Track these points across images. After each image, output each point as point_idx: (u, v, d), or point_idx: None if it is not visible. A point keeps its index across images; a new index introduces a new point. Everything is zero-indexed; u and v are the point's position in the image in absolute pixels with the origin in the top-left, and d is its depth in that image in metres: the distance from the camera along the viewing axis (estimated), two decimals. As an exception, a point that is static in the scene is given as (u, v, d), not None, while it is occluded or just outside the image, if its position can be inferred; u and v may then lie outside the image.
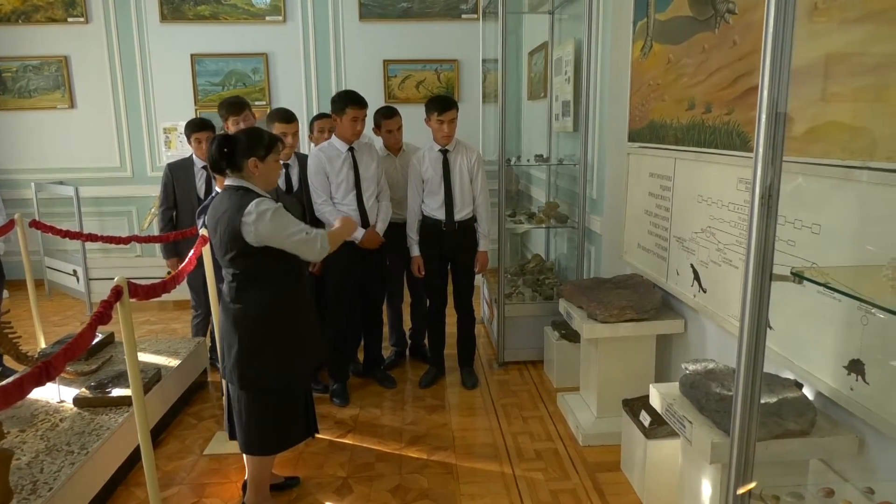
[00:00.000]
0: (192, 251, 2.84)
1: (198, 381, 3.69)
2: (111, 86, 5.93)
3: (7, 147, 6.04)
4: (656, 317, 2.86)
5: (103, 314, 1.85)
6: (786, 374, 1.96)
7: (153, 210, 3.88)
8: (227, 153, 2.23)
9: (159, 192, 3.81)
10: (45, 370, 1.57)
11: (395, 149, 3.78)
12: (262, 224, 2.16)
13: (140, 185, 6.01)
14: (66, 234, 3.56)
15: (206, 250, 2.94)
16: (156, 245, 3.99)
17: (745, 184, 2.20)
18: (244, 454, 2.46)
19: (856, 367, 1.64)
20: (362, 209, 3.37)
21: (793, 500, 1.50)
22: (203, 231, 2.93)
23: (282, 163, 3.35)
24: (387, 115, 3.68)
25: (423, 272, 3.58)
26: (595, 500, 2.58)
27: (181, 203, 3.77)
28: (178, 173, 3.76)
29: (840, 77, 1.70)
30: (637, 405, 2.64)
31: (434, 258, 3.58)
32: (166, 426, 3.23)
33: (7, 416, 2.76)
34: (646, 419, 2.52)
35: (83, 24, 5.82)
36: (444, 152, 3.48)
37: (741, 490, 1.38)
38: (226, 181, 2.31)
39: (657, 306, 2.87)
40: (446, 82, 6.02)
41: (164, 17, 5.81)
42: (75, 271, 5.62)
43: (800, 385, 1.89)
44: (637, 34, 3.13)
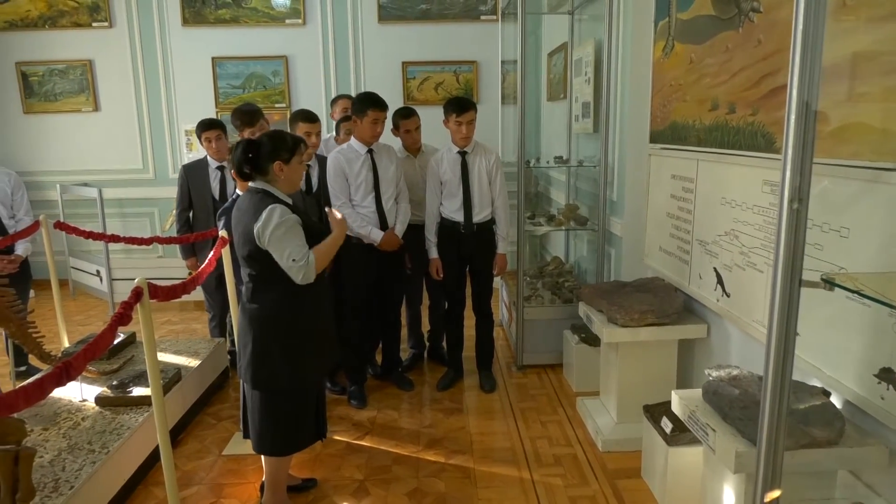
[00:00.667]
0: (212, 252, 2.86)
1: (217, 382, 3.71)
2: (134, 89, 6.02)
3: (33, 149, 6.16)
4: (678, 321, 2.82)
5: (123, 315, 1.87)
6: (812, 381, 1.91)
7: (174, 212, 3.93)
8: (252, 158, 2.24)
9: (176, 193, 3.87)
10: (66, 370, 1.59)
11: (414, 149, 3.77)
12: (266, 235, 2.18)
13: (162, 187, 6.08)
14: (89, 235, 3.60)
15: (226, 252, 2.96)
16: (177, 246, 4.05)
17: (770, 186, 2.16)
18: (261, 455, 2.46)
19: (887, 375, 1.59)
20: (381, 211, 3.36)
21: (820, 512, 1.46)
22: (223, 233, 2.95)
23: (303, 164, 3.37)
24: (404, 115, 3.67)
25: (442, 275, 3.56)
26: (615, 506, 2.54)
27: (196, 204, 3.83)
28: (192, 175, 3.81)
29: (869, 77, 1.66)
30: (658, 411, 2.60)
31: (452, 261, 3.57)
32: (185, 426, 3.25)
33: (30, 414, 2.80)
34: (667, 426, 2.47)
35: (107, 28, 5.91)
36: (463, 154, 3.46)
37: (767, 498, 1.34)
38: (249, 183, 2.31)
39: (679, 310, 2.82)
40: (465, 84, 6.00)
41: (185, 21, 5.87)
42: (98, 272, 5.70)
43: (827, 393, 1.84)
44: (658, 34, 3.09)
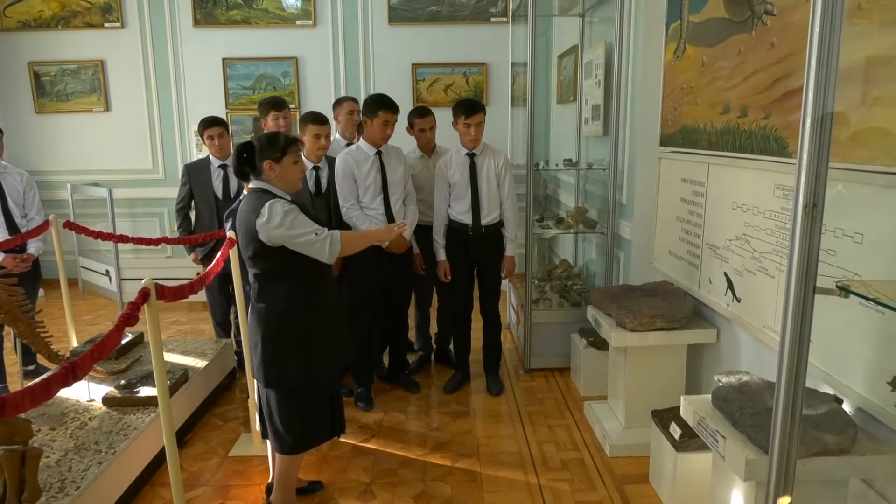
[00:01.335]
0: (220, 253, 2.86)
1: (224, 383, 3.71)
2: (145, 89, 6.05)
3: (45, 149, 6.20)
4: (687, 326, 2.79)
5: (130, 316, 1.86)
6: (823, 387, 1.88)
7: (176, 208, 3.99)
8: (246, 158, 2.27)
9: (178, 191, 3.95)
10: (72, 371, 1.58)
11: (428, 149, 3.78)
12: (272, 225, 2.17)
13: (172, 188, 6.02)
14: (98, 235, 3.62)
15: (234, 252, 2.96)
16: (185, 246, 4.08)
17: (782, 190, 2.13)
18: (271, 455, 2.46)
19: (900, 383, 1.57)
20: (389, 213, 3.36)
21: (832, 521, 1.44)
22: (231, 233, 2.95)
23: (311, 165, 3.37)
24: (420, 114, 3.70)
25: (450, 277, 3.55)
26: (622, 512, 2.52)
27: (199, 203, 3.88)
28: (194, 174, 3.85)
29: (884, 81, 1.63)
30: (667, 416, 2.57)
31: (460, 263, 3.55)
32: (192, 427, 3.25)
33: (38, 413, 2.81)
34: (676, 431, 2.45)
35: (119, 28, 5.94)
36: (471, 156, 3.45)
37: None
38: (250, 184, 2.33)
39: (688, 315, 2.79)
40: (475, 86, 5.99)
41: (196, 22, 5.90)
42: (108, 271, 5.73)
43: (839, 400, 1.82)
44: (670, 36, 3.07)
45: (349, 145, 3.60)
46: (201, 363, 3.46)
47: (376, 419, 3.36)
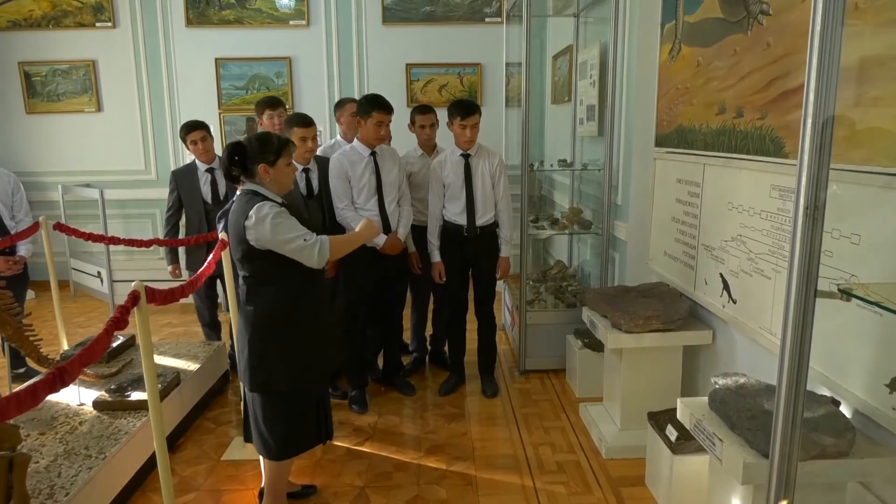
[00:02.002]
0: (212, 255, 2.83)
1: (217, 386, 3.68)
2: (137, 89, 6.00)
3: (35, 150, 6.14)
4: (683, 327, 2.78)
5: (119, 319, 1.84)
6: (821, 390, 1.87)
7: (166, 215, 3.95)
8: (238, 160, 2.22)
9: (167, 198, 3.91)
10: (60, 376, 1.55)
11: (429, 148, 3.77)
12: (260, 229, 2.14)
13: (164, 189, 5.93)
14: (88, 237, 3.58)
15: (226, 254, 2.93)
16: (180, 248, 4.02)
17: (778, 191, 2.12)
18: (262, 460, 2.43)
19: (899, 385, 1.56)
20: (384, 214, 3.33)
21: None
22: (223, 235, 2.92)
23: (301, 167, 3.34)
24: (422, 111, 3.72)
25: (444, 278, 3.53)
26: (618, 516, 2.50)
27: (188, 209, 3.84)
28: (181, 180, 3.82)
29: (882, 81, 1.62)
30: (663, 418, 2.56)
31: (455, 264, 3.53)
32: (185, 430, 3.22)
33: (27, 418, 2.77)
34: (672, 433, 2.43)
35: (111, 28, 5.90)
36: (466, 157, 3.43)
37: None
38: (240, 186, 2.30)
39: (684, 316, 2.78)
40: (469, 86, 5.97)
41: (189, 22, 5.85)
42: (100, 273, 5.68)
43: (837, 402, 1.80)
44: (665, 37, 3.06)
45: None
46: (194, 366, 3.42)
47: (371, 422, 3.34)
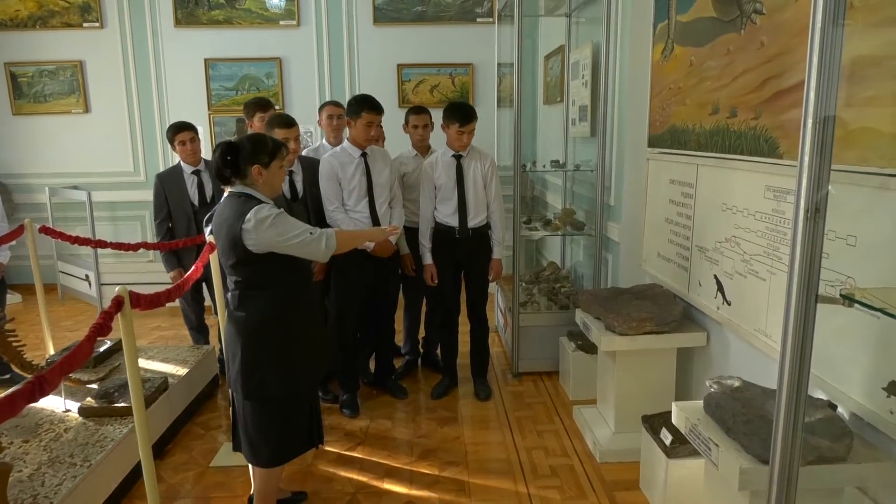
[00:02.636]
0: (199, 258, 2.78)
1: (206, 391, 3.63)
2: (125, 90, 5.94)
3: (22, 151, 6.07)
4: (677, 329, 2.75)
5: (103, 325, 1.79)
6: (817, 393, 1.85)
7: (155, 222, 3.87)
8: (230, 161, 2.17)
9: (153, 204, 3.80)
10: (39, 385, 1.51)
11: (423, 148, 3.74)
12: (262, 231, 2.10)
13: (153, 191, 5.99)
14: (74, 240, 3.51)
15: (214, 257, 2.88)
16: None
17: (773, 192, 2.10)
18: (251, 467, 2.39)
19: (897, 389, 1.53)
20: (375, 216, 3.29)
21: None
22: (210, 238, 2.87)
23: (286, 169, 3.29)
24: (416, 111, 3.71)
25: (436, 280, 3.49)
26: (613, 520, 2.48)
27: (175, 212, 3.75)
28: (168, 183, 3.74)
29: (877, 80, 1.60)
30: (657, 422, 2.53)
31: (447, 266, 3.50)
32: (173, 436, 3.17)
33: (11, 425, 2.72)
34: (667, 437, 2.41)
35: (98, 28, 5.83)
36: (458, 158, 3.40)
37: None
38: (229, 188, 2.25)
39: (678, 318, 2.75)
40: (461, 86, 5.94)
41: (178, 22, 5.80)
42: (87, 276, 5.60)
43: (833, 406, 1.78)
44: (657, 36, 3.03)
45: None
46: (182, 370, 3.37)
47: (362, 426, 3.30)
